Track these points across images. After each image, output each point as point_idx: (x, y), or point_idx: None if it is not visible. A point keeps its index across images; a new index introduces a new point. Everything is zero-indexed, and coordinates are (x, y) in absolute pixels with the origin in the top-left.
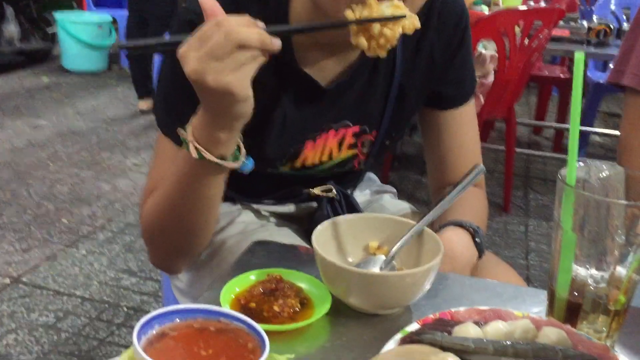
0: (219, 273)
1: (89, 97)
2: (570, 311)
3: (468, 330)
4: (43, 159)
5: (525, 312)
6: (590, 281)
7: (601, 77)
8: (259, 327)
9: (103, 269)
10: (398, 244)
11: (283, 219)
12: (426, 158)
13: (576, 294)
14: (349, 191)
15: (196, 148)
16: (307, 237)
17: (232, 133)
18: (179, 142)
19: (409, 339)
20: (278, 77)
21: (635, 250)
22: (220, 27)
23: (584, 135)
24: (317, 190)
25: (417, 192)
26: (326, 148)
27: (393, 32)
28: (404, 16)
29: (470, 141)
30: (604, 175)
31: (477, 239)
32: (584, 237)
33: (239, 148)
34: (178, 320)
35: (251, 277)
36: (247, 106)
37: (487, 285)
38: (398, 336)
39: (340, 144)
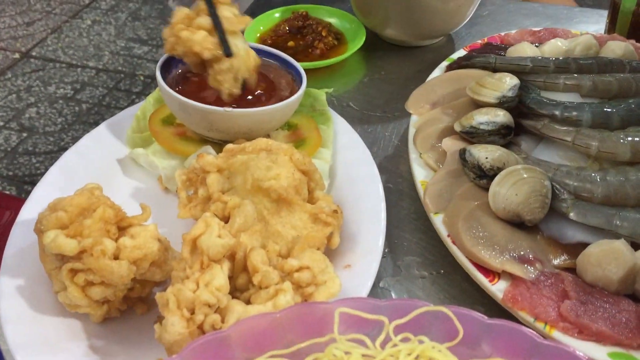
0: None
1: None
2: (636, 26)
3: (524, 50)
4: None
5: (583, 31)
6: None
7: None
8: (292, 59)
9: (112, 39)
10: None
11: None
12: None
13: None
14: None
15: None
16: None
17: None
18: None
19: (457, 65)
20: None
21: None
22: None
23: None
24: None
25: None
26: None
27: None
28: None
29: None
30: None
31: None
32: None
33: None
34: None
35: (275, 15)
36: None
37: (535, 9)
38: (444, 64)
39: None
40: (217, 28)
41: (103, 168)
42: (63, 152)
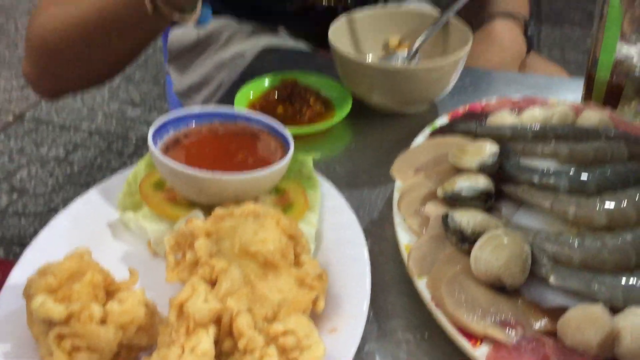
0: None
1: None
2: (611, 96)
3: (503, 118)
4: None
5: (561, 99)
6: (636, 60)
7: None
8: (280, 125)
9: (106, 101)
10: (421, 37)
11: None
12: None
13: (619, 76)
14: None
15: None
16: (320, 46)
17: None
18: None
19: (440, 132)
20: None
21: None
22: None
23: None
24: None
25: None
26: None
27: None
28: None
29: None
30: None
31: (528, 32)
32: (633, 9)
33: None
34: (194, 124)
35: (265, 83)
36: None
37: (517, 77)
38: (427, 131)
39: None
40: None
41: (93, 232)
42: (53, 214)
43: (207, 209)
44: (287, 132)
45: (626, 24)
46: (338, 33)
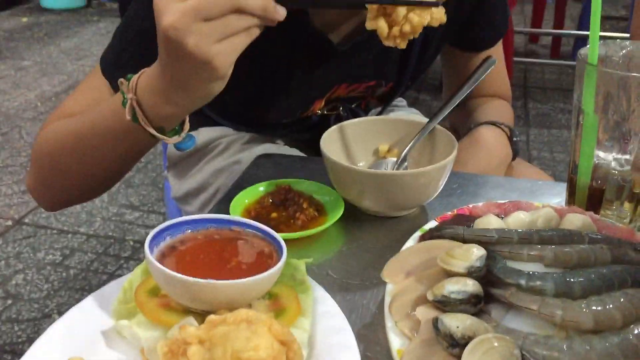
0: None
1: (71, 35)
2: (593, 199)
3: (490, 222)
4: (31, 99)
5: (545, 203)
6: (613, 165)
7: None
8: (273, 231)
9: (105, 205)
10: (409, 145)
11: (289, 140)
12: (446, 88)
13: (599, 180)
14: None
15: (133, 108)
16: (312, 154)
17: (185, 111)
18: (116, 87)
19: (429, 236)
20: (288, 35)
21: None
22: None
23: (585, 40)
24: (323, 110)
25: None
26: (334, 94)
27: (420, 20)
28: (436, 4)
29: (499, 76)
30: (626, 51)
31: (514, 138)
32: (607, 118)
33: (182, 122)
34: (189, 231)
35: (260, 189)
36: (220, 85)
37: (502, 182)
38: (417, 234)
39: (350, 91)
40: None
41: (87, 341)
42: (46, 320)
43: (201, 316)
44: (280, 238)
45: (601, 132)
46: (330, 141)
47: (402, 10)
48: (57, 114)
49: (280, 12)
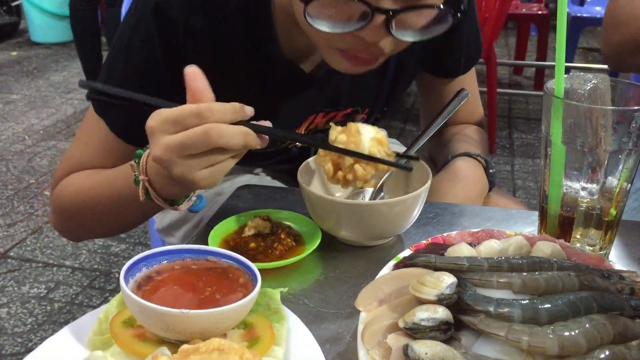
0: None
1: (60, 69)
2: (563, 227)
3: (461, 250)
4: (19, 133)
5: (518, 231)
6: (582, 194)
7: (579, 11)
8: (248, 261)
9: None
10: (386, 175)
11: (270, 171)
12: (423, 116)
13: (568, 208)
14: None
15: (146, 189)
16: (293, 184)
17: (191, 190)
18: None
19: (403, 264)
20: (262, 67)
21: (625, 158)
22: (201, 119)
23: (568, 71)
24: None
25: (401, 139)
26: (312, 125)
27: (364, 173)
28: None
29: (472, 103)
30: (590, 84)
31: (490, 170)
32: (574, 148)
33: None
34: (166, 262)
35: (239, 220)
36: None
37: (477, 211)
38: (392, 263)
39: (327, 121)
40: None
41: None
42: (29, 354)
43: (175, 346)
44: (255, 267)
45: (569, 161)
46: (307, 172)
47: (349, 160)
48: (68, 166)
49: (262, 141)
